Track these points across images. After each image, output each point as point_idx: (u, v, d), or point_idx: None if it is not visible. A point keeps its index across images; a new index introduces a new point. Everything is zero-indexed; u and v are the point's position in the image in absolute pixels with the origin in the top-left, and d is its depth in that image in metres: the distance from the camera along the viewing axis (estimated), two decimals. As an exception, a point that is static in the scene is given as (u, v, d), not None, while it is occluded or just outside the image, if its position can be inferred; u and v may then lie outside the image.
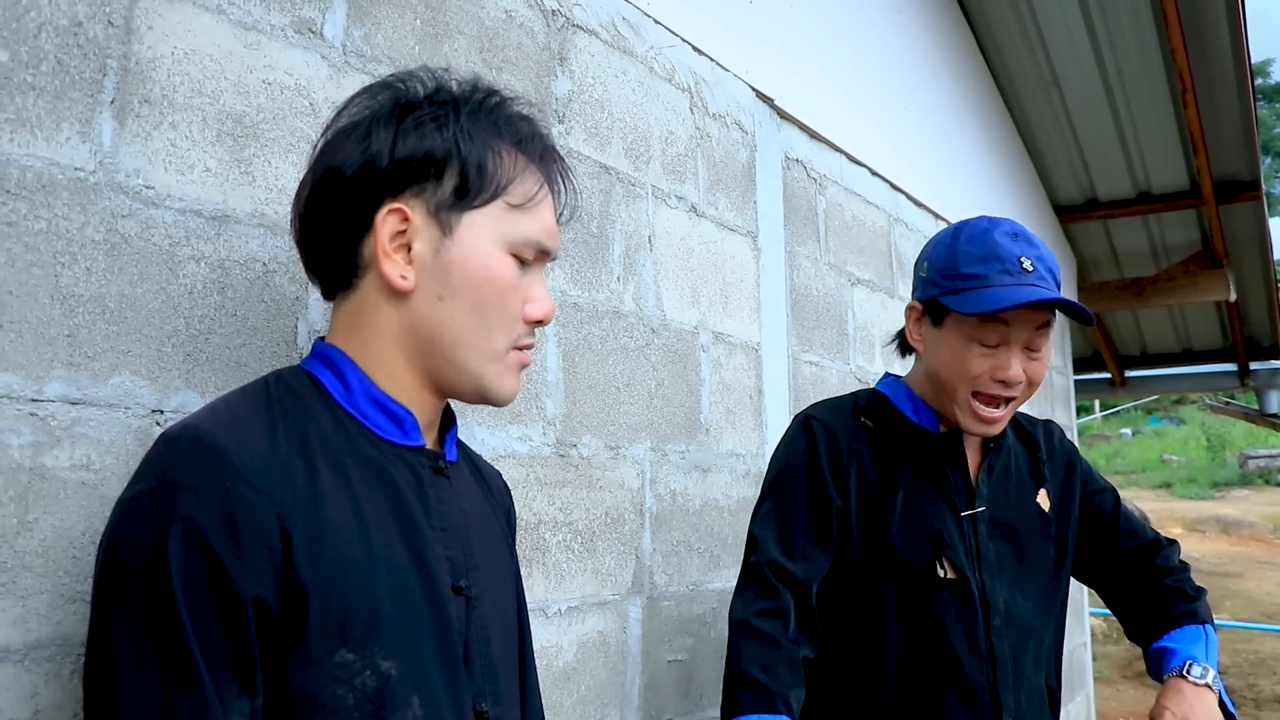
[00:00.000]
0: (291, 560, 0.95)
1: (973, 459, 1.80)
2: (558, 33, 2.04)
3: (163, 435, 0.98)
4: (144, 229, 1.24)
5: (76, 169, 1.18)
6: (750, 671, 1.62)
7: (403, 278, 1.09)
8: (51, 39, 1.16)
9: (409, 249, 1.09)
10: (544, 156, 1.17)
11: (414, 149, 1.08)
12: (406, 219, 1.08)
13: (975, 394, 1.69)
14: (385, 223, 1.08)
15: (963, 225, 1.74)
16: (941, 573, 1.70)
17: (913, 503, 1.75)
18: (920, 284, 1.79)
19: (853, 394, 1.92)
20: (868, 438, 1.81)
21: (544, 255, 1.17)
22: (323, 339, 1.16)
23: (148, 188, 1.25)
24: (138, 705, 0.88)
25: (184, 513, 0.91)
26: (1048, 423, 1.95)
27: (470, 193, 1.10)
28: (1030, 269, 1.64)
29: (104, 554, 0.94)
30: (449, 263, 1.09)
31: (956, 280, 1.68)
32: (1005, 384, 1.67)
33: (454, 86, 1.15)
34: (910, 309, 1.82)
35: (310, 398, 1.08)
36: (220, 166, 1.34)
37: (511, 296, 1.13)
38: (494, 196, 1.11)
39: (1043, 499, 1.81)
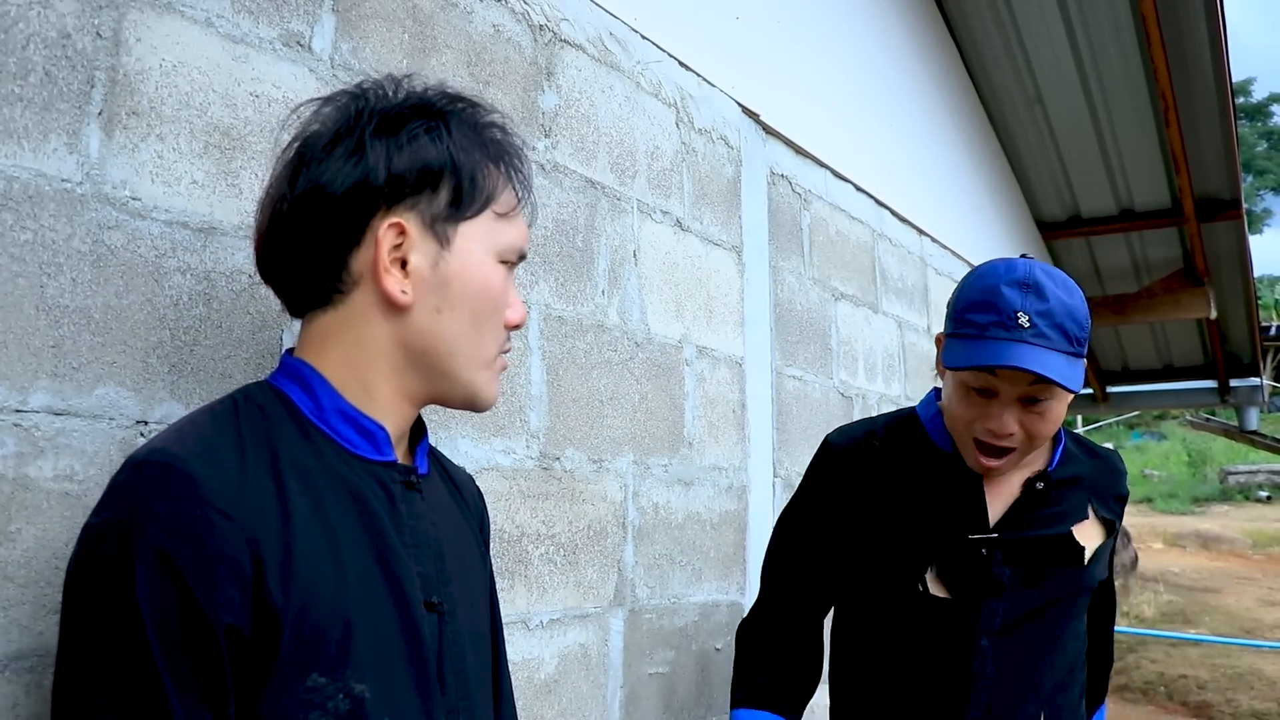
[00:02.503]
0: (264, 586, 0.93)
1: (1009, 488, 1.76)
2: (545, 47, 2.06)
3: (129, 460, 0.96)
4: (130, 240, 1.24)
5: (63, 180, 1.18)
6: (745, 677, 1.86)
7: (403, 292, 1.07)
8: (40, 50, 1.16)
9: (403, 263, 1.08)
10: (519, 164, 1.18)
11: (411, 162, 1.07)
12: (403, 232, 1.07)
13: (975, 441, 1.67)
14: (385, 237, 1.07)
15: (983, 267, 1.70)
16: (927, 589, 1.70)
17: (913, 519, 1.75)
18: (945, 316, 1.77)
19: (882, 414, 1.96)
20: (877, 456, 1.83)
21: (520, 260, 1.19)
22: (290, 352, 1.14)
23: (134, 199, 1.25)
24: None
25: (153, 542, 0.89)
26: (1118, 465, 1.90)
27: (464, 204, 1.10)
28: (1026, 325, 1.56)
29: (70, 584, 0.92)
30: (448, 275, 1.09)
31: (958, 324, 1.66)
32: (995, 434, 1.64)
33: (429, 94, 1.13)
34: (938, 339, 1.79)
35: (279, 415, 1.06)
36: (207, 178, 1.35)
37: (502, 304, 1.14)
38: (484, 207, 1.12)
39: (1083, 531, 1.76)
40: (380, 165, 1.06)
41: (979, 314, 1.61)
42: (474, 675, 1.15)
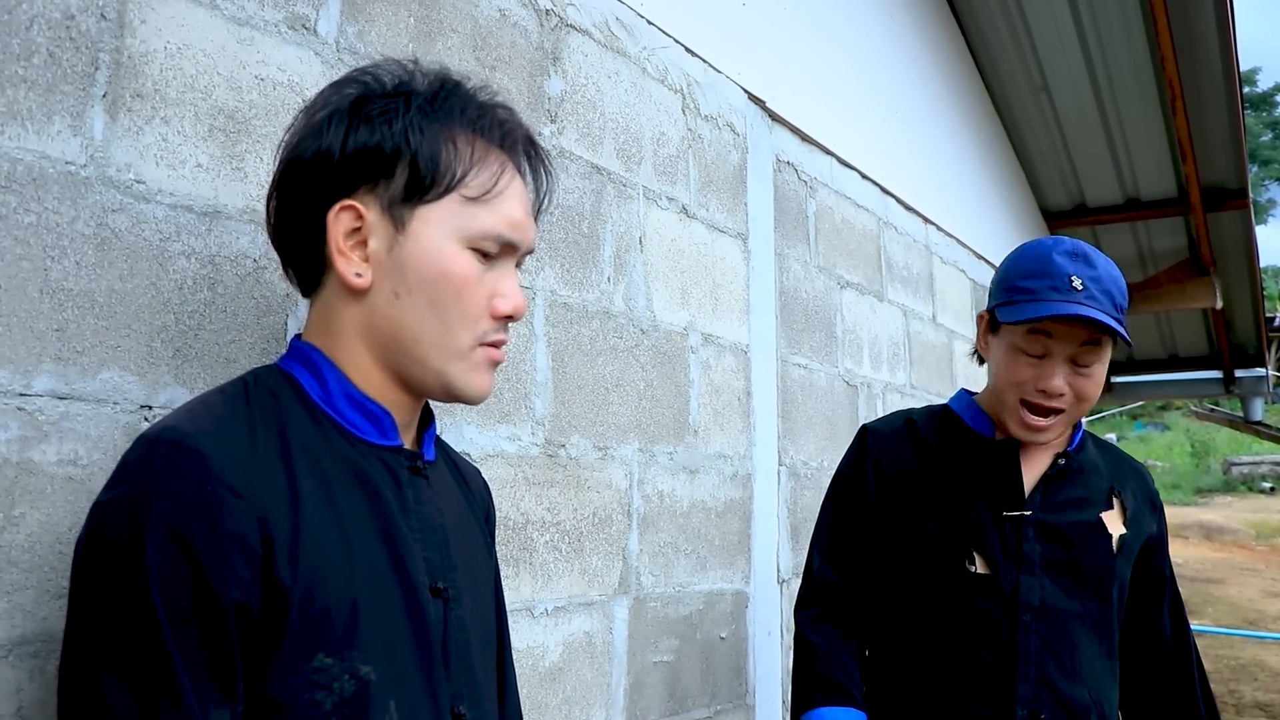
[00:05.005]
0: (273, 565, 0.93)
1: (1038, 466, 1.84)
2: (551, 32, 2.04)
3: (141, 437, 0.96)
4: (134, 224, 1.24)
5: (67, 163, 1.17)
6: (810, 671, 1.89)
7: (358, 275, 1.07)
8: (44, 32, 1.15)
9: (365, 246, 1.08)
10: (507, 143, 1.14)
11: (363, 143, 1.07)
12: (360, 216, 1.07)
13: (1023, 402, 1.76)
14: (337, 221, 1.07)
15: (1031, 243, 1.82)
16: (971, 566, 1.77)
17: (954, 500, 1.82)
18: (989, 294, 1.89)
19: (915, 408, 2.05)
20: (916, 442, 1.92)
21: (510, 248, 1.13)
22: (299, 336, 1.15)
23: (139, 182, 1.24)
24: (118, 717, 0.86)
25: (164, 518, 0.89)
26: (1142, 469, 1.98)
27: (422, 187, 1.07)
28: (1080, 288, 1.68)
29: (79, 561, 0.92)
30: (403, 259, 1.07)
31: (1011, 293, 1.77)
32: (1046, 394, 1.73)
33: (419, 79, 1.12)
34: (980, 317, 1.92)
35: (288, 398, 1.07)
36: (212, 162, 1.34)
37: (471, 292, 1.09)
38: (448, 190, 1.08)
39: (1110, 520, 1.82)
40: (335, 145, 1.07)
41: (1033, 280, 1.73)
42: (478, 661, 1.15)
